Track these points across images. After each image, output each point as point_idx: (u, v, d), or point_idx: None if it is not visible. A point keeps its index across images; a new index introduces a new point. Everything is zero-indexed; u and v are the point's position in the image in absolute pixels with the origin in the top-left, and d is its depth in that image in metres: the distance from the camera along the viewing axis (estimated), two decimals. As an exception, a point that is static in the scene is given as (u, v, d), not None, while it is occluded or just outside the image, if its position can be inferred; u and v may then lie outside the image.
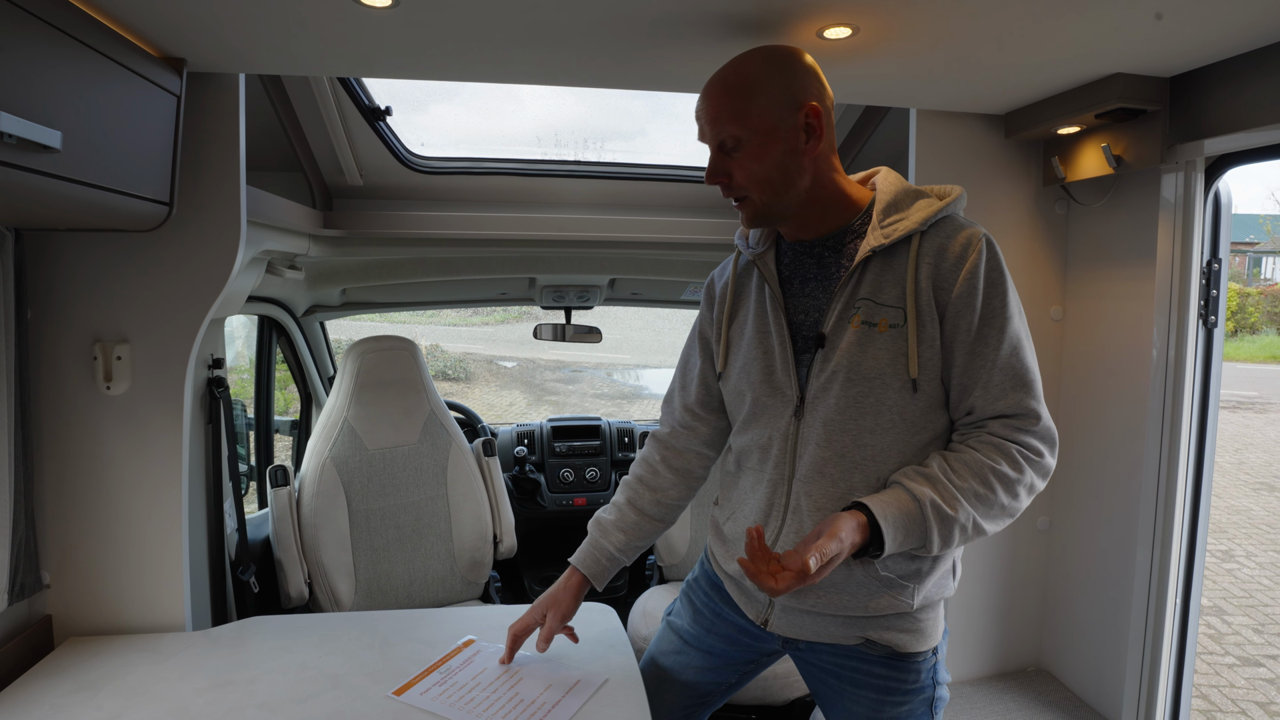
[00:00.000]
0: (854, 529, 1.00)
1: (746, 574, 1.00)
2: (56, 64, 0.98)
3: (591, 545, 1.35)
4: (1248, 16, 1.21)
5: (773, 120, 1.05)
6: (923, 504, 1.02)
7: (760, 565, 0.99)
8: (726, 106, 1.06)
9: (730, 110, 1.06)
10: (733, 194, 1.11)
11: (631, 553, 1.34)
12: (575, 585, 1.33)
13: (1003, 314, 1.06)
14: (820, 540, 0.98)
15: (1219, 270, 1.61)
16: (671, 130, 4.36)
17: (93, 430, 1.45)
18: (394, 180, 2.16)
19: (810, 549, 0.97)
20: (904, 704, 1.18)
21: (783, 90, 1.06)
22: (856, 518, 1.01)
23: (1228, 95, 1.42)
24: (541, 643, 1.30)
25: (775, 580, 0.97)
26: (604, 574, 1.34)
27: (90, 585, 1.47)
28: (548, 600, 1.33)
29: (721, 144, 1.09)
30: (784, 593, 0.98)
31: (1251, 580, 4.51)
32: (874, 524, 1.01)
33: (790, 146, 1.07)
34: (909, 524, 1.02)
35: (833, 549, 0.98)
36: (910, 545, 1.04)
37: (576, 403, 10.69)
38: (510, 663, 1.33)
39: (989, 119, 1.83)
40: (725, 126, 1.07)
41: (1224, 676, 3.36)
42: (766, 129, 1.05)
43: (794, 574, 0.97)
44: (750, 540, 1.01)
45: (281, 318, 2.52)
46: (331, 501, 2.09)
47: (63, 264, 1.41)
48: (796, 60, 1.08)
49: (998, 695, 1.97)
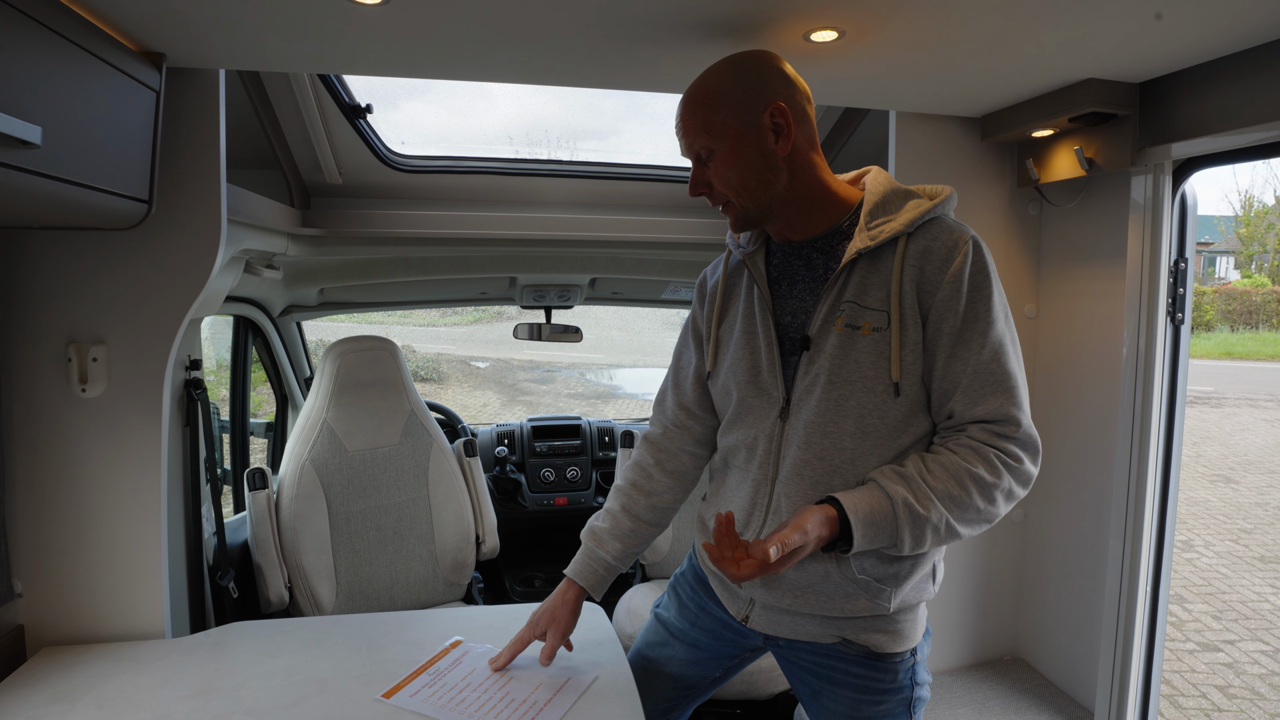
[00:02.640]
0: (821, 522, 1.00)
1: (710, 558, 1.01)
2: (34, 57, 0.95)
3: (587, 556, 1.32)
4: (1214, 25, 1.25)
5: (738, 126, 1.07)
6: (895, 502, 1.02)
7: (726, 551, 1.00)
8: (694, 120, 1.10)
9: (697, 123, 1.09)
10: (716, 201, 1.14)
11: (628, 560, 1.33)
12: (573, 599, 1.31)
13: (986, 317, 1.05)
14: (784, 531, 0.98)
15: (1185, 269, 1.67)
16: (646, 129, 4.37)
17: (67, 434, 1.41)
18: (374, 179, 2.13)
19: (772, 539, 0.97)
20: (881, 703, 1.19)
21: (744, 95, 1.07)
22: (825, 511, 1.01)
23: (1195, 101, 1.47)
24: (544, 659, 1.29)
25: (738, 567, 0.98)
26: (602, 584, 1.32)
27: (64, 593, 1.43)
28: (545, 617, 1.31)
29: (697, 155, 1.12)
30: (746, 580, 0.99)
31: (1210, 569, 4.67)
32: (844, 519, 1.02)
33: (761, 148, 1.08)
34: (879, 521, 1.02)
35: (795, 540, 0.98)
36: (880, 543, 1.03)
37: (551, 403, 10.65)
38: (503, 669, 1.32)
39: (966, 121, 1.87)
40: (697, 138, 1.10)
41: (1185, 662, 3.47)
42: (734, 135, 1.07)
43: (756, 562, 0.97)
44: (718, 525, 1.01)
45: (257, 318, 2.48)
46: (311, 504, 2.06)
47: (35, 263, 1.37)
48: (758, 63, 1.09)
49: (976, 685, 2.01)
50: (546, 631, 1.30)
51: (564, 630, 1.30)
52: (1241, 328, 16.71)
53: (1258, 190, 32.66)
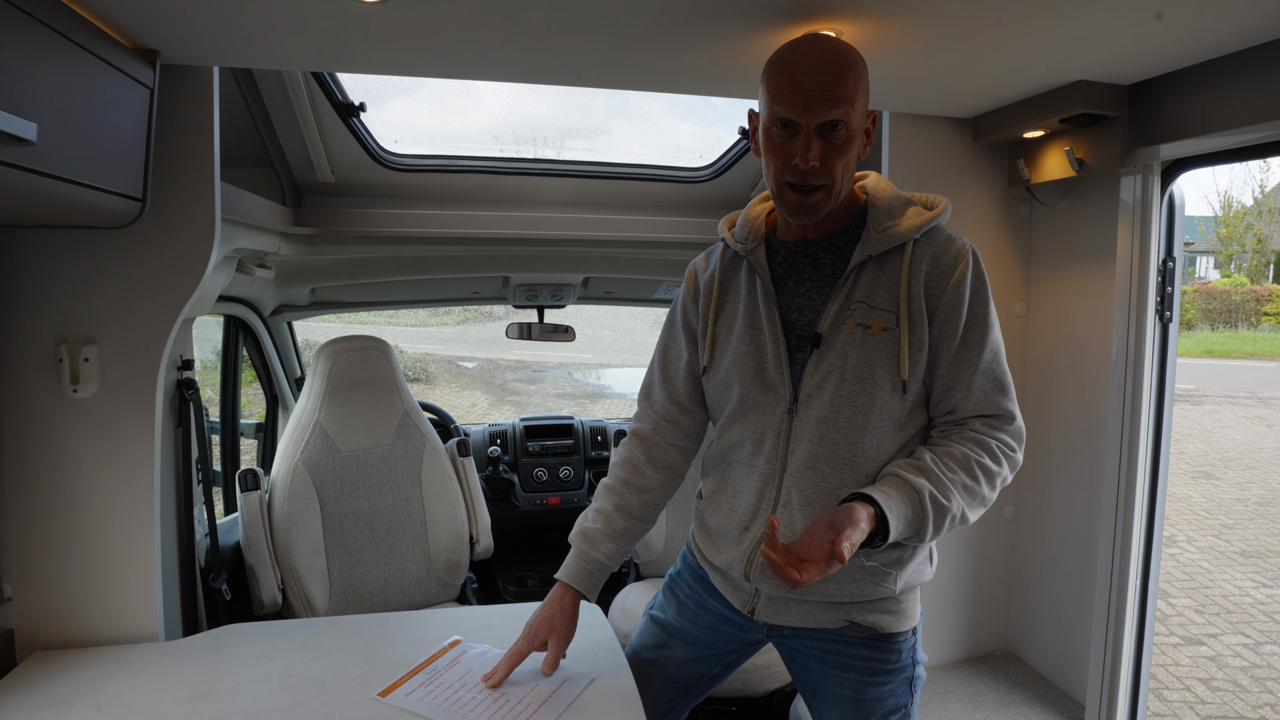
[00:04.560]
0: (869, 518, 1.02)
1: (770, 566, 0.98)
2: (28, 53, 0.94)
3: (580, 558, 1.30)
4: (1203, 29, 1.27)
5: (861, 114, 1.07)
6: (921, 495, 1.06)
7: (781, 558, 0.99)
8: (850, 89, 1.02)
9: (854, 94, 1.03)
10: (819, 180, 1.06)
11: (620, 559, 1.32)
12: (570, 605, 1.28)
13: (985, 322, 1.13)
14: (847, 531, 0.99)
15: (1173, 268, 1.70)
16: (635, 129, 4.37)
17: (58, 435, 1.39)
18: (367, 177, 2.12)
19: (842, 539, 0.97)
20: (887, 683, 1.22)
21: (868, 88, 1.09)
22: (866, 509, 1.03)
23: (1183, 103, 1.50)
24: (547, 670, 1.26)
25: (799, 573, 0.97)
26: (597, 586, 1.31)
27: (56, 597, 1.41)
28: (544, 626, 1.27)
29: (829, 125, 1.03)
30: (806, 584, 0.98)
31: (1193, 564, 4.74)
32: (879, 515, 1.04)
33: (860, 143, 1.09)
34: (910, 515, 1.06)
35: (859, 538, 1.00)
36: (908, 534, 1.07)
37: (539, 403, 10.63)
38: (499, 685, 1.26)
39: (958, 122, 1.89)
40: (840, 105, 1.02)
41: (1169, 655, 3.53)
42: (859, 121, 1.07)
43: (817, 566, 0.97)
44: (771, 531, 1.00)
45: (248, 317, 2.45)
46: (304, 505, 2.04)
47: (26, 262, 1.35)
48: None
49: (968, 679, 2.04)
50: (546, 641, 1.27)
51: (565, 639, 1.27)
52: (1221, 326, 16.99)
53: (1236, 191, 33.21)
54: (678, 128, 3.11)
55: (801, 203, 1.09)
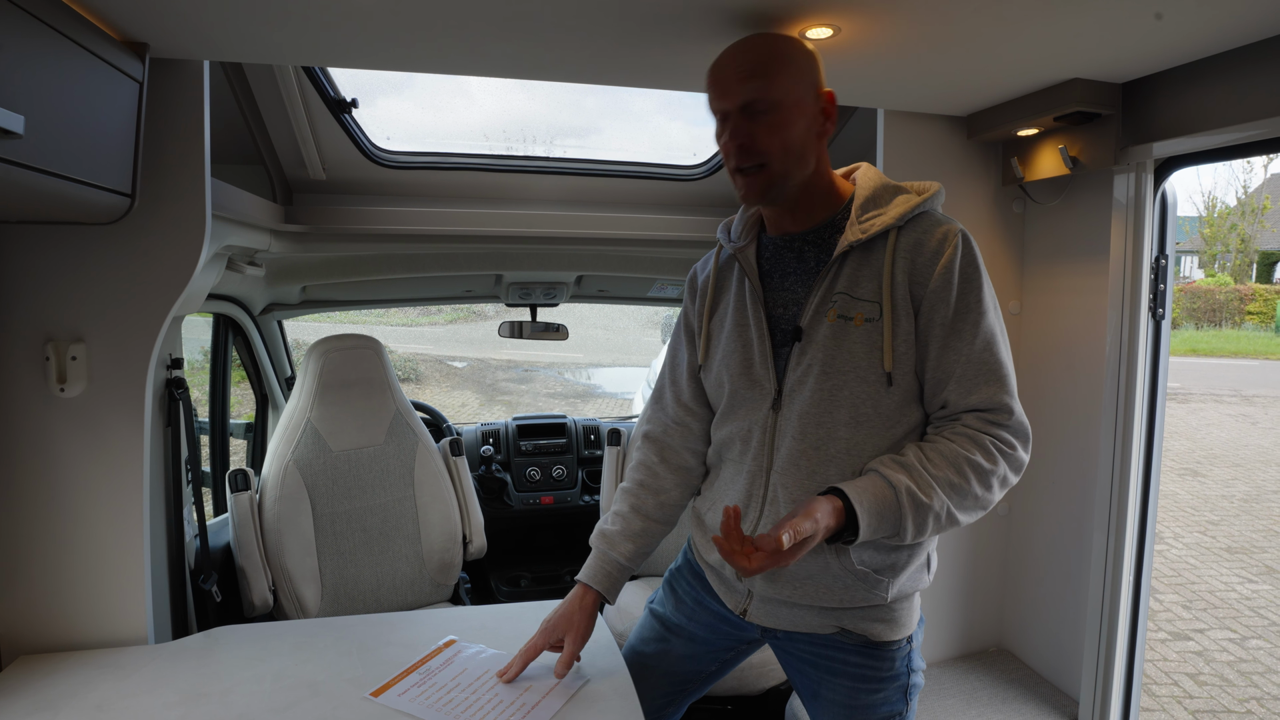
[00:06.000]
0: (829, 512, 1.00)
1: (720, 551, 0.99)
2: (15, 44, 0.92)
3: (600, 559, 1.30)
4: (1197, 28, 1.28)
5: (800, 93, 1.07)
6: (898, 491, 1.02)
7: (734, 545, 0.98)
8: (760, 68, 1.06)
9: (762, 72, 1.05)
10: (751, 160, 1.08)
11: (639, 560, 1.31)
12: (590, 605, 1.28)
13: (977, 308, 1.08)
14: (795, 519, 0.97)
15: (1165, 266, 1.71)
16: (626, 127, 4.37)
17: (44, 434, 1.37)
18: (358, 174, 2.10)
19: (784, 526, 0.96)
20: (879, 691, 1.20)
21: (809, 67, 1.09)
22: (832, 502, 1.01)
23: (1176, 101, 1.51)
24: (561, 669, 1.24)
25: (748, 560, 0.96)
26: (616, 587, 1.30)
27: (42, 599, 1.39)
28: (562, 623, 1.26)
29: (750, 104, 1.06)
30: (756, 573, 0.97)
31: (1180, 560, 4.79)
32: (849, 509, 1.02)
33: (811, 123, 1.09)
34: (884, 510, 1.02)
35: (807, 529, 0.97)
36: (884, 533, 1.04)
37: (530, 402, 10.59)
38: (514, 680, 1.26)
39: (952, 120, 1.90)
40: (760, 85, 1.05)
41: (1157, 651, 3.56)
42: (795, 99, 1.07)
43: (766, 554, 0.96)
44: (726, 519, 1.00)
45: (238, 316, 2.42)
46: (295, 505, 2.02)
47: (12, 259, 1.33)
48: (812, 49, 1.12)
49: (963, 676, 2.04)
50: (563, 639, 1.26)
51: (583, 637, 1.25)
52: (1205, 325, 17.19)
53: (1220, 192, 33.60)
54: (669, 126, 3.11)
55: (747, 184, 1.10)
